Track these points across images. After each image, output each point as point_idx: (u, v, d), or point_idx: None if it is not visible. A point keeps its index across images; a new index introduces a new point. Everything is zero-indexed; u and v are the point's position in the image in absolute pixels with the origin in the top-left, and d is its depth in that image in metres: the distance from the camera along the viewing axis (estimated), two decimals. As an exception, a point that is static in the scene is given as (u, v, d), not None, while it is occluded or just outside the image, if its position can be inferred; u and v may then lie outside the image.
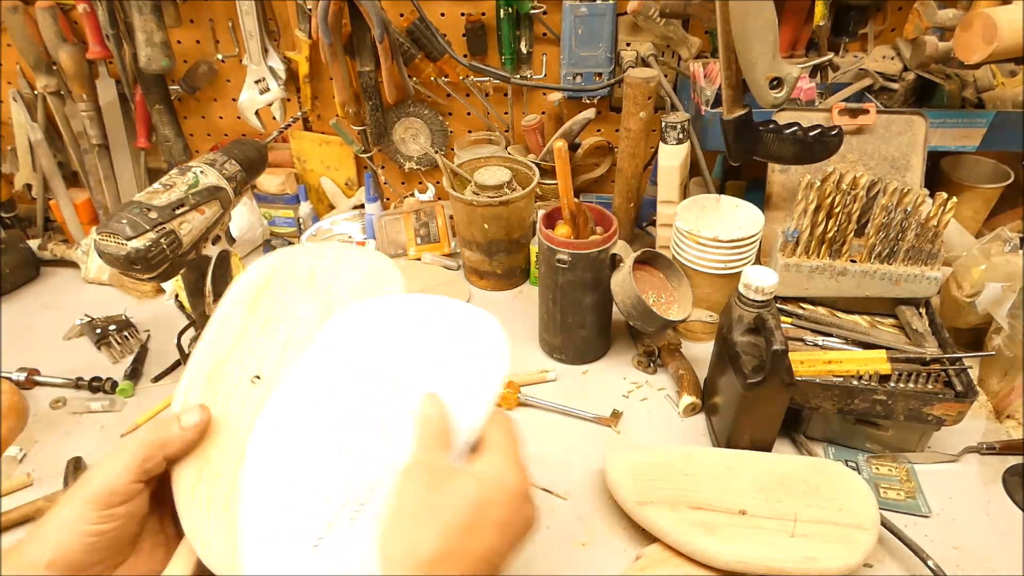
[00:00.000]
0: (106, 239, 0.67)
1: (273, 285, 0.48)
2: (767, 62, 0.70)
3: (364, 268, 0.48)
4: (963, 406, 0.71)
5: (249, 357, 0.46)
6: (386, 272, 0.49)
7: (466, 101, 1.15)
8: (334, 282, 0.49)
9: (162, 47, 1.00)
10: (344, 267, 0.49)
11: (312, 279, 0.49)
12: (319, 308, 0.47)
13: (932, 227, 0.78)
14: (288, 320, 0.47)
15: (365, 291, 0.48)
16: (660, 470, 0.70)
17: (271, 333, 0.46)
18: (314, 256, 0.50)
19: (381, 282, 0.48)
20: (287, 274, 0.49)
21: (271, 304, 0.47)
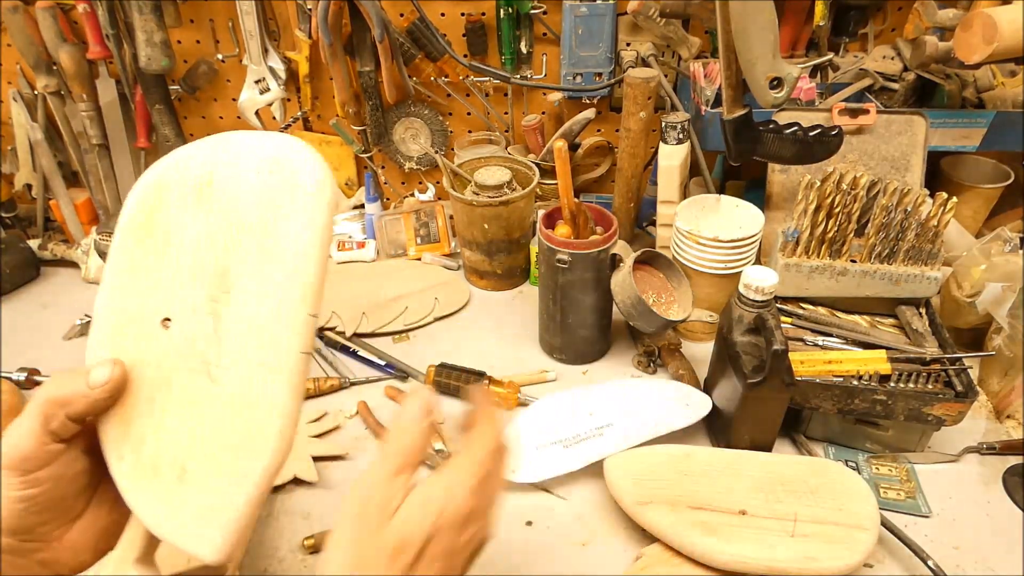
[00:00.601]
0: (106, 239, 0.67)
1: (167, 199, 0.39)
2: (767, 62, 0.70)
3: (267, 158, 0.38)
4: (963, 406, 0.71)
5: (152, 295, 0.39)
6: (295, 161, 0.38)
7: (466, 101, 1.15)
8: (232, 184, 0.39)
9: (162, 47, 1.00)
10: (245, 161, 0.39)
11: (210, 183, 0.39)
12: (218, 221, 0.38)
13: (932, 227, 0.78)
14: (190, 243, 0.38)
15: (268, 191, 0.38)
16: (660, 470, 0.70)
17: (171, 262, 0.39)
18: (214, 150, 0.39)
19: (288, 179, 0.38)
20: (181, 182, 0.39)
21: (167, 225, 0.39)
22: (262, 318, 0.37)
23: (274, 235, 0.37)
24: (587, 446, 0.76)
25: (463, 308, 1.05)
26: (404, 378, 0.91)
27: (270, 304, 0.37)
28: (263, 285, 0.37)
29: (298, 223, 0.37)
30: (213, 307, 0.38)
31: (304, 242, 0.37)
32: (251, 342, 0.37)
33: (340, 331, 0.98)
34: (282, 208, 0.37)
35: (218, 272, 0.38)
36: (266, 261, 0.37)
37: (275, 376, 0.36)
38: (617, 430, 0.77)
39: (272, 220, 0.37)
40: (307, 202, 0.37)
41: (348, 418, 0.85)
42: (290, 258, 0.37)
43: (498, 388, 0.85)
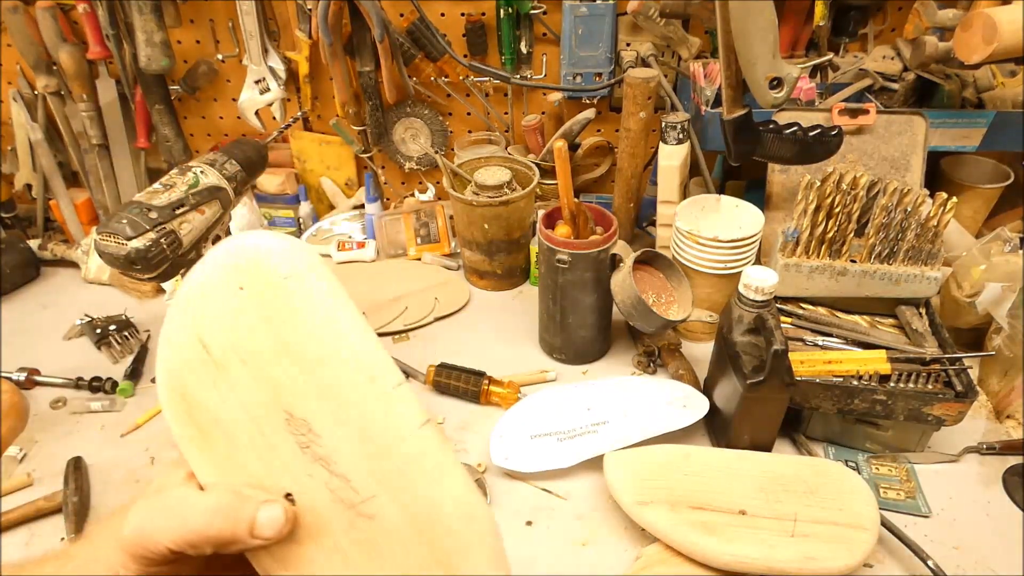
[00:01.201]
0: (106, 239, 0.67)
1: (192, 396, 0.34)
2: (767, 62, 0.70)
3: (228, 283, 0.33)
4: (963, 406, 0.71)
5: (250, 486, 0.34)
6: (253, 266, 0.33)
7: (466, 101, 1.15)
8: (224, 333, 0.33)
9: (162, 47, 1.00)
10: (217, 303, 0.33)
11: (209, 349, 0.34)
12: (241, 375, 0.33)
13: (932, 227, 0.78)
14: (238, 415, 0.33)
15: (258, 308, 0.33)
16: (660, 470, 0.70)
17: (239, 446, 0.33)
18: (184, 312, 0.34)
19: (261, 289, 0.33)
20: (190, 370, 0.34)
21: (209, 416, 0.34)
22: (355, 427, 0.32)
23: (295, 346, 0.32)
24: (582, 442, 0.76)
25: (463, 308, 1.05)
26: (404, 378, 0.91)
27: (353, 408, 0.32)
28: (327, 395, 0.32)
29: (300, 316, 0.32)
30: (312, 453, 0.32)
31: (321, 325, 0.32)
32: (368, 455, 0.32)
33: (340, 331, 0.98)
34: (280, 313, 0.32)
35: (284, 420, 0.33)
36: (310, 372, 0.32)
37: (415, 474, 0.32)
38: (613, 428, 0.77)
39: (283, 334, 0.32)
40: (291, 292, 0.32)
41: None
42: (328, 349, 0.32)
43: (498, 388, 0.85)
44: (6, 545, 0.70)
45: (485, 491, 0.73)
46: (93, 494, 0.75)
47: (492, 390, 0.85)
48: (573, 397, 0.83)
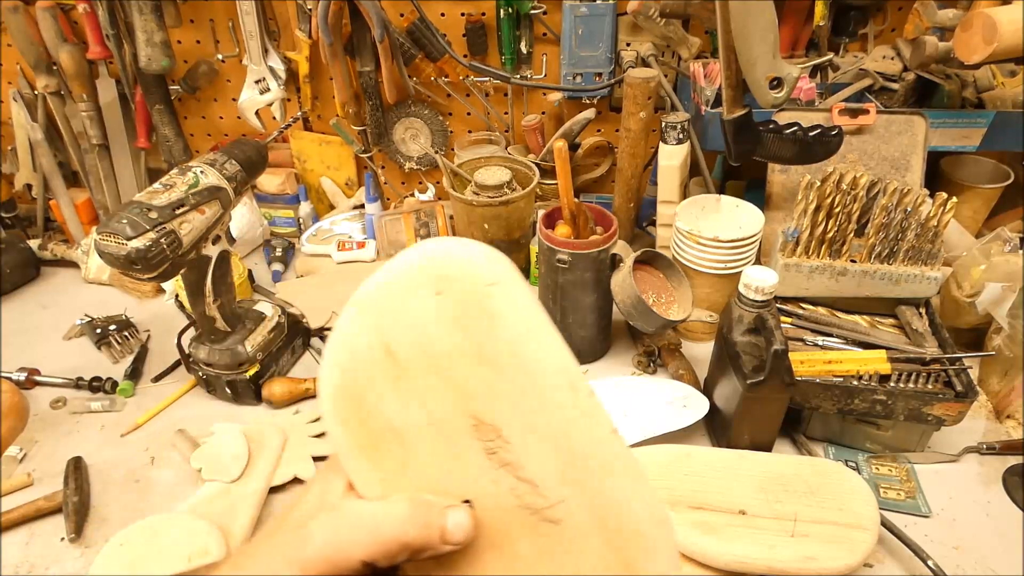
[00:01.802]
0: (106, 239, 0.67)
1: (365, 400, 0.33)
2: (767, 62, 0.70)
3: (427, 281, 0.32)
4: (963, 406, 0.71)
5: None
6: (455, 265, 0.32)
7: (466, 101, 1.15)
8: (410, 335, 0.33)
9: (162, 47, 1.00)
10: (407, 304, 0.32)
11: (391, 351, 0.33)
12: (427, 381, 0.32)
13: (932, 227, 0.78)
14: (420, 423, 0.32)
15: (450, 314, 0.32)
16: (660, 470, 0.70)
17: (417, 453, 0.33)
18: (368, 312, 0.33)
19: (461, 288, 0.32)
20: (365, 373, 0.33)
21: (385, 424, 0.33)
22: (551, 433, 0.31)
23: (490, 351, 0.31)
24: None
25: (463, 308, 1.04)
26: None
27: (545, 414, 0.31)
28: (523, 402, 0.31)
29: (499, 322, 0.31)
30: (498, 459, 0.32)
31: (525, 333, 0.32)
32: (561, 461, 0.31)
33: (340, 331, 0.98)
34: (478, 319, 0.31)
35: (470, 425, 0.32)
36: (503, 378, 0.31)
37: (609, 476, 0.32)
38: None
39: (479, 338, 0.31)
40: (494, 298, 0.31)
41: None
42: (531, 357, 0.31)
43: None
44: (6, 545, 0.70)
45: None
46: (93, 494, 0.75)
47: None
48: None
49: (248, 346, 0.84)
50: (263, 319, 0.88)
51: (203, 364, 0.84)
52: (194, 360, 0.85)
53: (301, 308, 1.00)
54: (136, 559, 0.63)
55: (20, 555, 0.69)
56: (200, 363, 0.85)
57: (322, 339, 0.98)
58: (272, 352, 0.88)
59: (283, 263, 1.14)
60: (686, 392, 0.82)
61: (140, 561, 0.63)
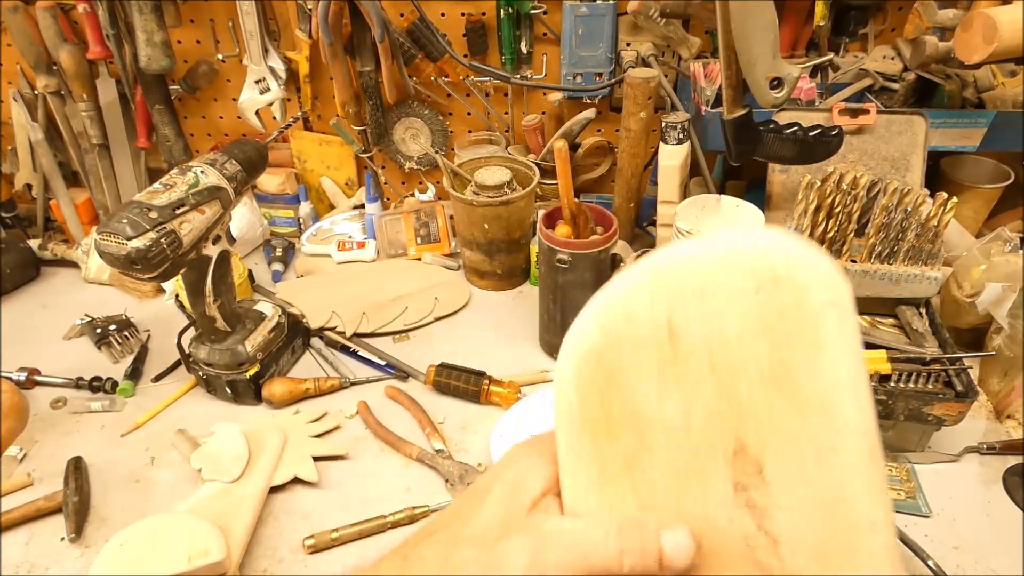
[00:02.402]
0: (106, 239, 0.67)
1: (617, 377, 0.28)
2: (767, 62, 0.70)
3: (748, 272, 0.27)
4: (963, 406, 0.71)
5: (641, 510, 0.29)
6: (793, 267, 0.26)
7: (466, 101, 1.15)
8: (708, 324, 0.28)
9: (162, 47, 1.00)
10: (715, 288, 0.28)
11: (673, 334, 0.28)
12: (703, 384, 0.28)
13: (932, 227, 0.77)
14: (672, 426, 0.28)
15: (766, 319, 0.27)
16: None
17: (654, 460, 0.28)
18: (659, 282, 0.28)
19: (793, 294, 0.27)
20: (631, 345, 0.28)
21: (628, 411, 0.28)
22: (824, 494, 0.26)
23: (794, 379, 0.26)
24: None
25: (463, 308, 1.05)
26: (404, 378, 0.91)
27: (830, 473, 0.26)
28: (806, 449, 0.26)
29: (826, 355, 0.26)
30: (745, 498, 0.27)
31: (844, 375, 0.26)
32: (823, 529, 0.26)
33: (340, 331, 0.98)
34: (796, 338, 0.26)
35: (730, 450, 0.27)
36: (796, 415, 0.26)
37: (871, 568, 0.26)
38: None
39: (786, 359, 0.26)
40: (828, 322, 0.26)
41: (348, 418, 0.85)
42: (835, 402, 0.26)
43: (498, 388, 0.85)
44: (6, 545, 0.70)
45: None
46: (93, 494, 0.75)
47: (492, 390, 0.85)
48: None
49: (248, 346, 0.84)
50: (263, 319, 0.88)
51: (203, 364, 0.84)
52: (194, 360, 0.85)
53: (301, 308, 1.00)
54: (136, 559, 0.63)
55: (20, 555, 0.69)
56: (200, 363, 0.85)
57: (322, 339, 0.98)
58: (272, 352, 0.88)
59: (283, 263, 1.14)
60: None
61: (140, 561, 0.63)
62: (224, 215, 0.79)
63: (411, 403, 0.85)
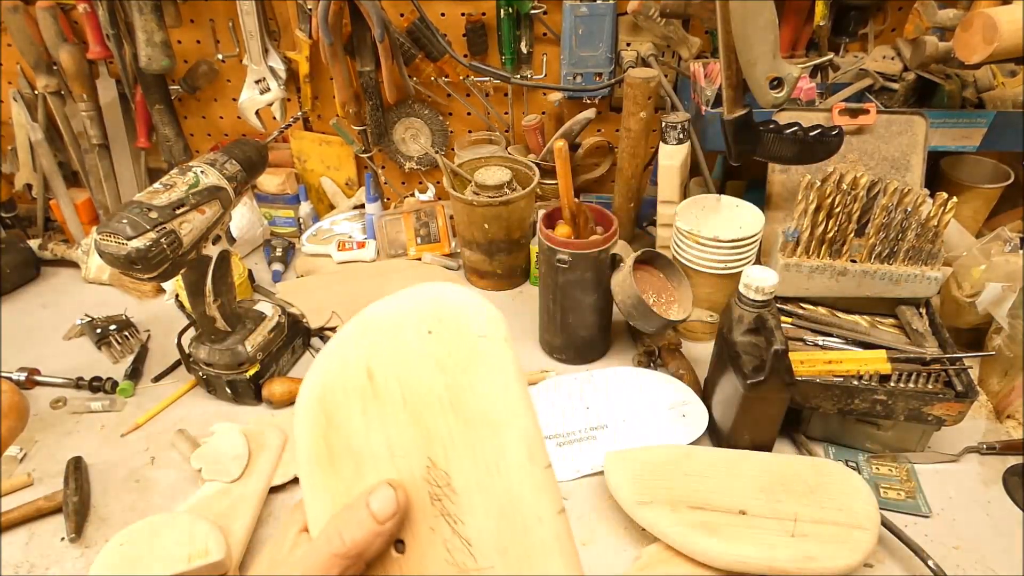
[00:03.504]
0: (106, 239, 0.67)
1: (335, 417, 0.34)
2: (767, 62, 0.70)
3: (423, 317, 0.33)
4: (963, 406, 0.71)
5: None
6: (453, 308, 0.33)
7: (466, 101, 1.15)
8: (394, 367, 0.34)
9: (162, 47, 1.00)
10: (399, 336, 0.34)
11: (372, 377, 0.34)
12: (399, 415, 0.34)
13: (932, 227, 0.78)
14: (380, 453, 0.34)
15: (437, 355, 0.34)
16: (660, 470, 0.70)
17: (372, 481, 0.33)
18: (362, 336, 0.35)
19: (454, 331, 0.33)
20: (343, 390, 0.34)
21: (347, 443, 0.34)
22: (498, 497, 0.32)
23: (465, 401, 0.32)
24: (580, 449, 0.77)
25: (463, 308, 1.04)
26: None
27: (499, 478, 0.32)
28: (480, 460, 0.32)
29: (485, 378, 0.32)
30: (441, 507, 0.32)
31: (501, 393, 0.32)
32: (501, 527, 0.32)
33: (340, 331, 0.98)
34: (462, 367, 0.32)
35: (424, 467, 0.32)
36: (472, 433, 0.32)
37: (544, 558, 0.31)
38: (611, 434, 0.78)
39: (458, 386, 0.32)
40: (484, 351, 0.32)
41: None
42: (496, 416, 0.32)
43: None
44: (6, 545, 0.70)
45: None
46: (93, 494, 0.75)
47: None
48: (572, 393, 0.83)
49: (248, 346, 0.84)
50: (263, 319, 0.88)
51: (203, 364, 0.84)
52: (194, 360, 0.85)
53: (301, 308, 1.00)
54: (136, 559, 0.63)
55: (20, 555, 0.69)
56: (200, 363, 0.85)
57: (322, 339, 0.98)
58: (272, 352, 0.88)
59: (283, 263, 1.14)
60: (685, 397, 0.82)
61: (140, 561, 0.63)
62: (224, 215, 0.79)
63: (411, 403, 0.85)
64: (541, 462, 0.32)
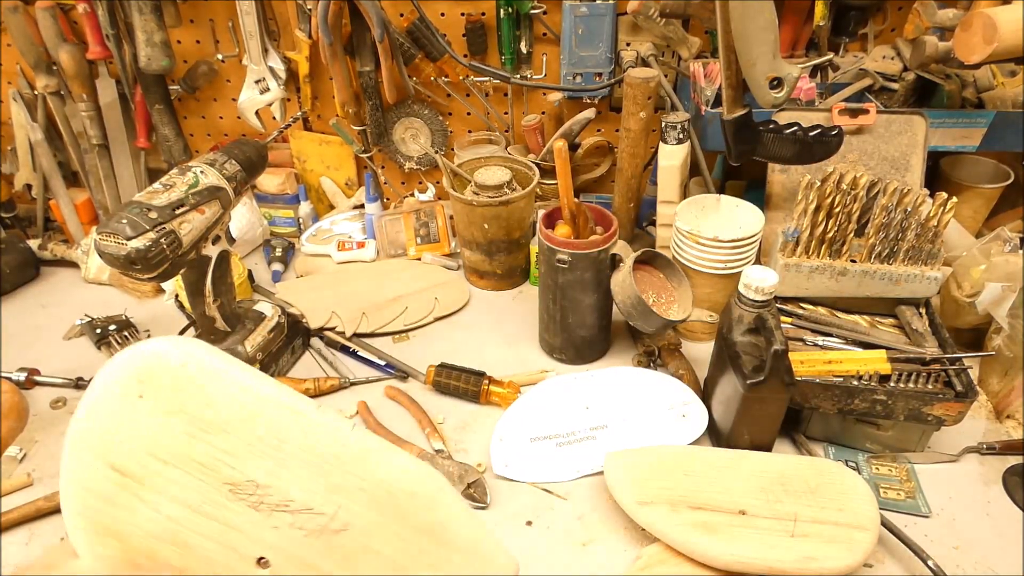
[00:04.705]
0: (106, 239, 0.67)
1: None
2: (767, 62, 0.70)
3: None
4: (963, 406, 0.71)
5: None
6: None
7: (466, 101, 1.15)
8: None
9: (162, 47, 1.00)
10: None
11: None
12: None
13: (932, 227, 0.78)
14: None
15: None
16: (660, 470, 0.70)
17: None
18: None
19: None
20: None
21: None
22: (298, 460, 0.36)
23: (215, 419, 0.35)
24: (580, 449, 0.77)
25: (463, 308, 1.05)
26: (404, 378, 0.91)
27: (286, 445, 0.36)
28: (261, 447, 0.35)
29: (216, 385, 0.35)
30: (267, 507, 0.35)
31: (237, 393, 0.35)
32: (313, 474, 0.36)
33: (340, 331, 0.98)
34: (191, 398, 0.35)
35: (227, 492, 0.35)
36: (235, 435, 0.35)
37: (364, 462, 0.37)
38: (611, 435, 0.78)
39: (199, 417, 0.35)
40: (191, 371, 0.35)
41: (348, 418, 0.85)
42: (249, 406, 0.35)
43: (498, 388, 0.85)
44: (6, 545, 0.70)
45: (485, 491, 0.73)
46: (93, 494, 0.75)
47: (492, 390, 0.85)
48: (572, 392, 0.83)
49: (248, 346, 0.84)
50: (263, 319, 0.88)
51: (203, 364, 0.84)
52: (194, 360, 0.85)
53: (301, 308, 1.00)
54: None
55: (20, 555, 0.69)
56: (200, 363, 0.85)
57: (322, 339, 0.98)
58: (272, 352, 0.88)
59: (283, 263, 1.14)
60: (685, 397, 0.82)
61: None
62: (224, 215, 0.79)
63: (411, 403, 0.85)
64: (308, 409, 0.35)
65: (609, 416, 0.80)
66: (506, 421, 0.80)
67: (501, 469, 0.75)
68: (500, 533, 0.69)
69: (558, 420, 0.80)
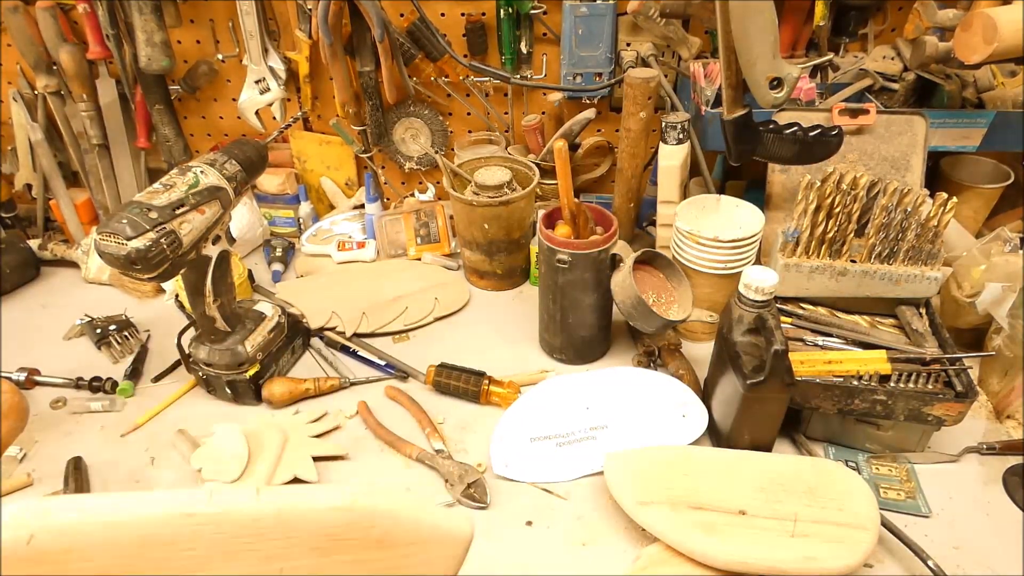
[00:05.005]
0: (106, 239, 0.67)
1: None
2: (767, 62, 0.70)
3: None
4: (963, 406, 0.71)
5: None
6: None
7: (466, 101, 1.15)
8: None
9: (162, 47, 1.00)
10: None
11: None
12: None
13: (932, 227, 0.78)
14: None
15: None
16: (660, 470, 0.70)
17: None
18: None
19: None
20: None
21: None
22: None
23: None
24: (580, 449, 0.77)
25: (463, 308, 1.05)
26: (404, 378, 0.91)
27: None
28: None
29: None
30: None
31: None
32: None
33: (340, 331, 0.98)
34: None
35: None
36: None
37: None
38: (611, 435, 0.78)
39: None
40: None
41: (348, 418, 0.85)
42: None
43: (498, 388, 0.85)
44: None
45: (485, 491, 0.73)
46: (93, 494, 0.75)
47: (492, 390, 0.85)
48: (572, 392, 0.83)
49: (248, 346, 0.84)
50: (263, 319, 0.88)
51: (203, 364, 0.84)
52: (194, 360, 0.85)
53: (301, 308, 1.00)
54: (136, 559, 0.63)
55: (20, 555, 0.69)
56: (200, 363, 0.85)
57: (322, 339, 0.98)
58: (272, 352, 0.88)
59: (283, 263, 1.14)
60: (685, 397, 0.82)
61: (140, 561, 0.63)
62: (224, 215, 0.79)
63: (411, 403, 0.85)
64: (198, 505, 0.36)
65: (609, 416, 0.80)
66: (506, 421, 0.80)
67: (501, 469, 0.75)
68: (500, 533, 0.69)
69: (558, 420, 0.80)
